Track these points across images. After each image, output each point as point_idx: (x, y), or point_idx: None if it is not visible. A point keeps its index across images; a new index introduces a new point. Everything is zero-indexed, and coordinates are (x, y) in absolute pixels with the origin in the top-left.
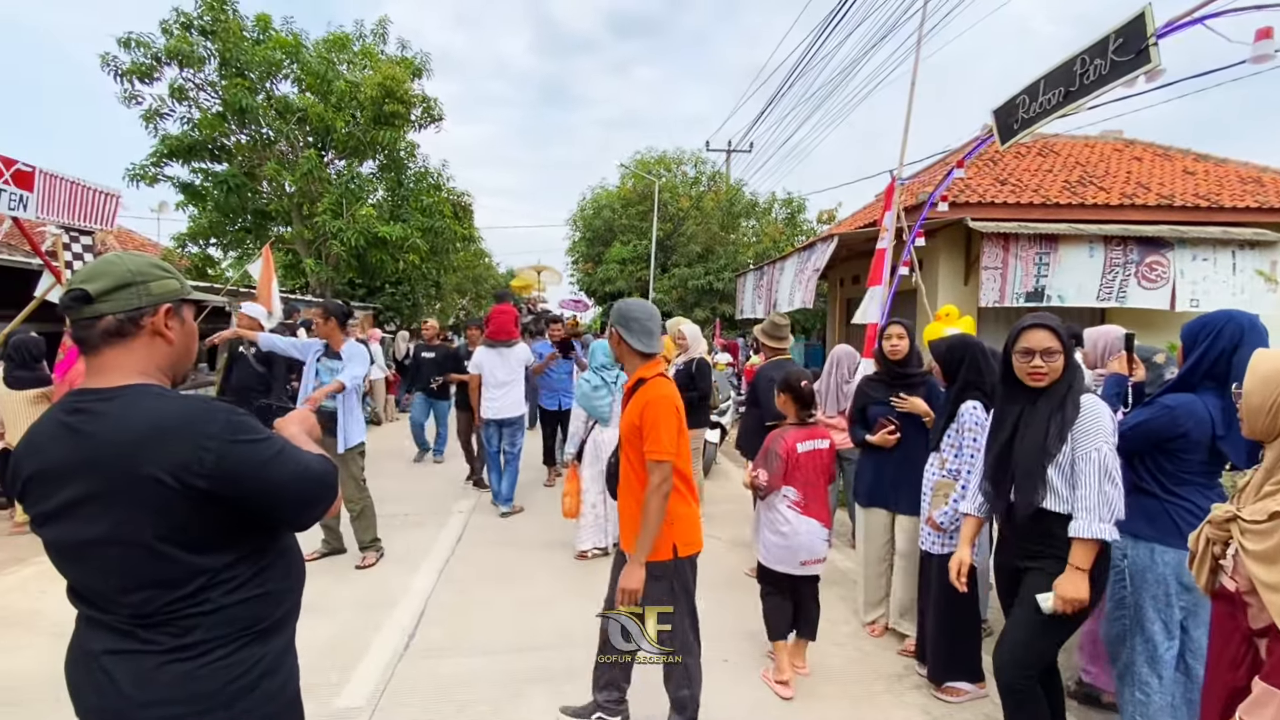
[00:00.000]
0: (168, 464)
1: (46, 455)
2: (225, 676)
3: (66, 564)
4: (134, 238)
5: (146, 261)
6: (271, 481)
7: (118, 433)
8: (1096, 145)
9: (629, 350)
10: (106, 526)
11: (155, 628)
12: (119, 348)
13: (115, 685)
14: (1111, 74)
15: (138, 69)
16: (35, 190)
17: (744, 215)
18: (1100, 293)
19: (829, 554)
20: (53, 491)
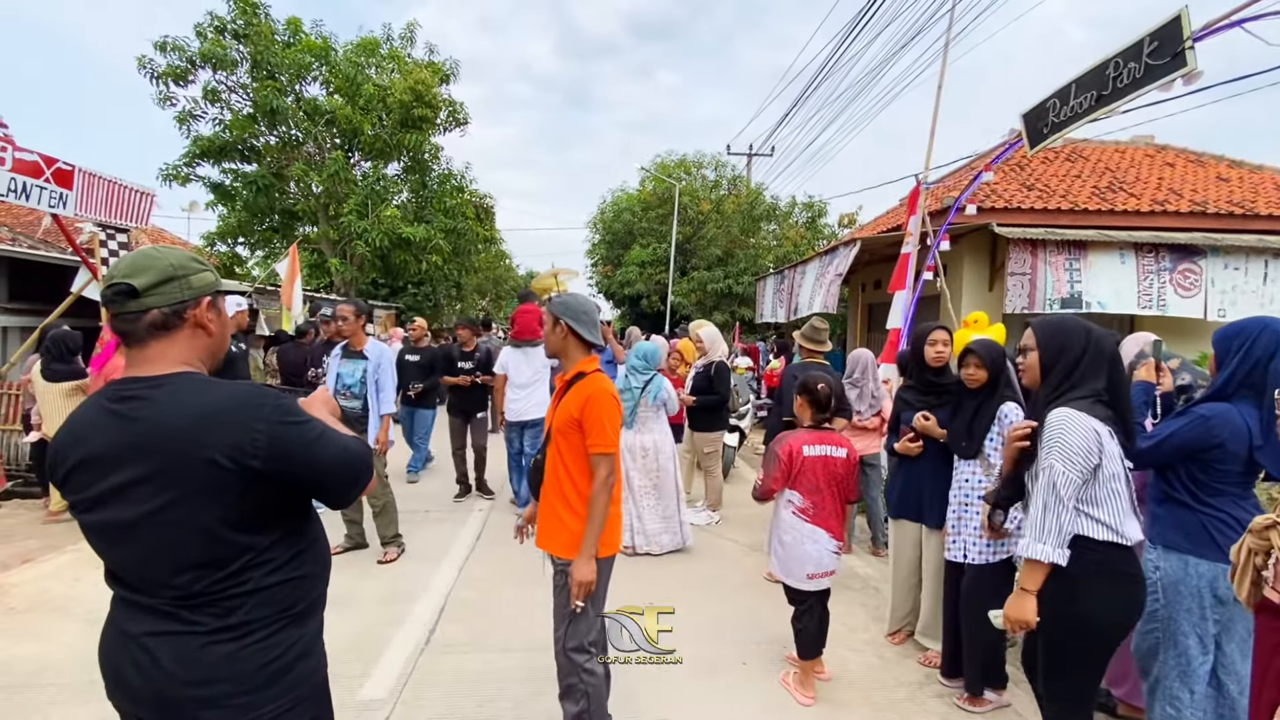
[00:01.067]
0: (223, 446)
1: (92, 442)
2: (265, 657)
3: (111, 548)
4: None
5: (185, 255)
6: (317, 461)
7: (172, 417)
8: (1127, 151)
9: (577, 343)
10: (159, 508)
11: (199, 609)
12: (164, 340)
13: (159, 666)
14: (1146, 78)
15: (173, 71)
16: (74, 188)
17: (764, 219)
18: (1140, 299)
19: (846, 560)
20: (100, 477)
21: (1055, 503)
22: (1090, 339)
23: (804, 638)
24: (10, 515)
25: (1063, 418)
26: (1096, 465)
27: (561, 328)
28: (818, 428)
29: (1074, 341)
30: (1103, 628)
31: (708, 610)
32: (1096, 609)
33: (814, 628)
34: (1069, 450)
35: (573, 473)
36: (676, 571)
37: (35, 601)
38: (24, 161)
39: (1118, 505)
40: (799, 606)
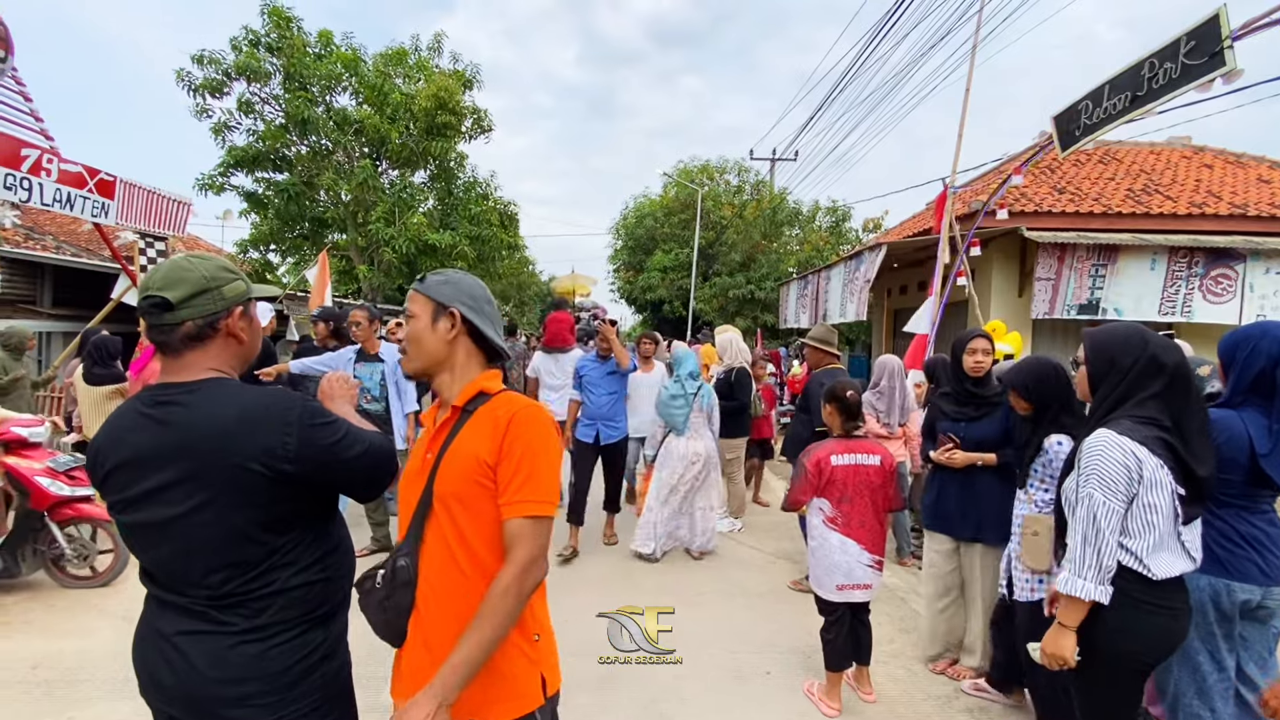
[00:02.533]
0: (255, 449)
1: (131, 445)
2: (292, 658)
3: (146, 547)
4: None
5: (217, 265)
6: (343, 460)
7: (205, 422)
8: (1162, 152)
9: (472, 349)
10: (192, 509)
11: (229, 609)
12: (198, 349)
13: (190, 664)
14: (1183, 78)
15: (209, 84)
16: (116, 198)
17: (788, 224)
18: (1162, 306)
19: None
20: (137, 478)
21: (1095, 535)
22: (1146, 350)
23: (831, 649)
24: None
25: (1098, 441)
26: (1134, 494)
27: (450, 320)
28: (848, 436)
29: (1126, 353)
30: (1117, 655)
31: (731, 618)
32: (1111, 636)
33: (842, 640)
34: (1106, 478)
35: (483, 559)
36: (699, 578)
37: (73, 598)
38: (69, 173)
39: (1150, 538)
40: (828, 617)
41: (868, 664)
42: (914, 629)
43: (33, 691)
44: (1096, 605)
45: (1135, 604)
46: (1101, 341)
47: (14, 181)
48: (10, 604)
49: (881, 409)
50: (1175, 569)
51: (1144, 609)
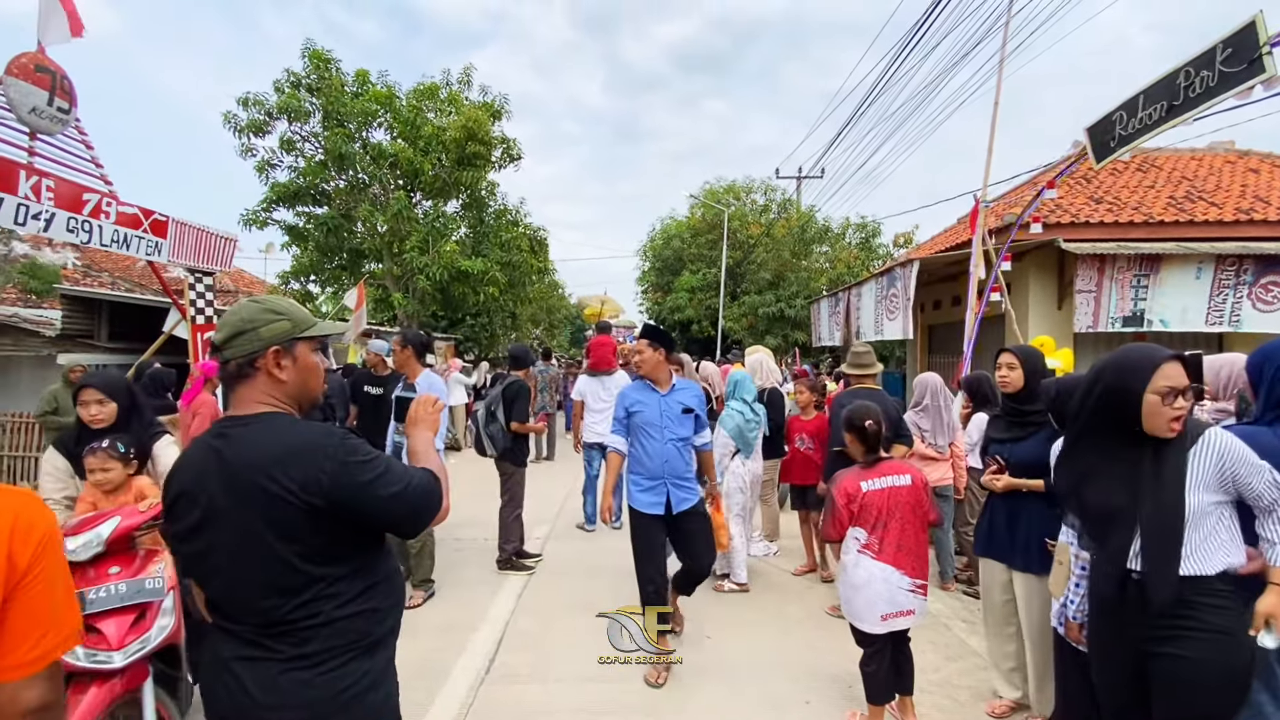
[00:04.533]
0: (291, 483)
1: (191, 475)
2: (337, 686)
3: (204, 575)
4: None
5: (258, 308)
6: (377, 497)
7: (251, 454)
8: (1205, 158)
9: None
10: (240, 537)
11: (278, 637)
12: (244, 385)
13: (244, 689)
14: (1220, 86)
15: (254, 124)
16: (168, 237)
17: (816, 241)
18: (1209, 316)
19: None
20: (194, 507)
21: None
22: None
23: (873, 681)
24: None
25: (1217, 433)
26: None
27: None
28: (872, 464)
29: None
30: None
31: (768, 644)
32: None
33: (884, 672)
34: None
35: None
36: (734, 604)
37: None
38: (125, 214)
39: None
40: (868, 648)
41: (911, 693)
42: (959, 656)
43: None
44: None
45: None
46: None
47: (76, 224)
48: None
49: (926, 428)
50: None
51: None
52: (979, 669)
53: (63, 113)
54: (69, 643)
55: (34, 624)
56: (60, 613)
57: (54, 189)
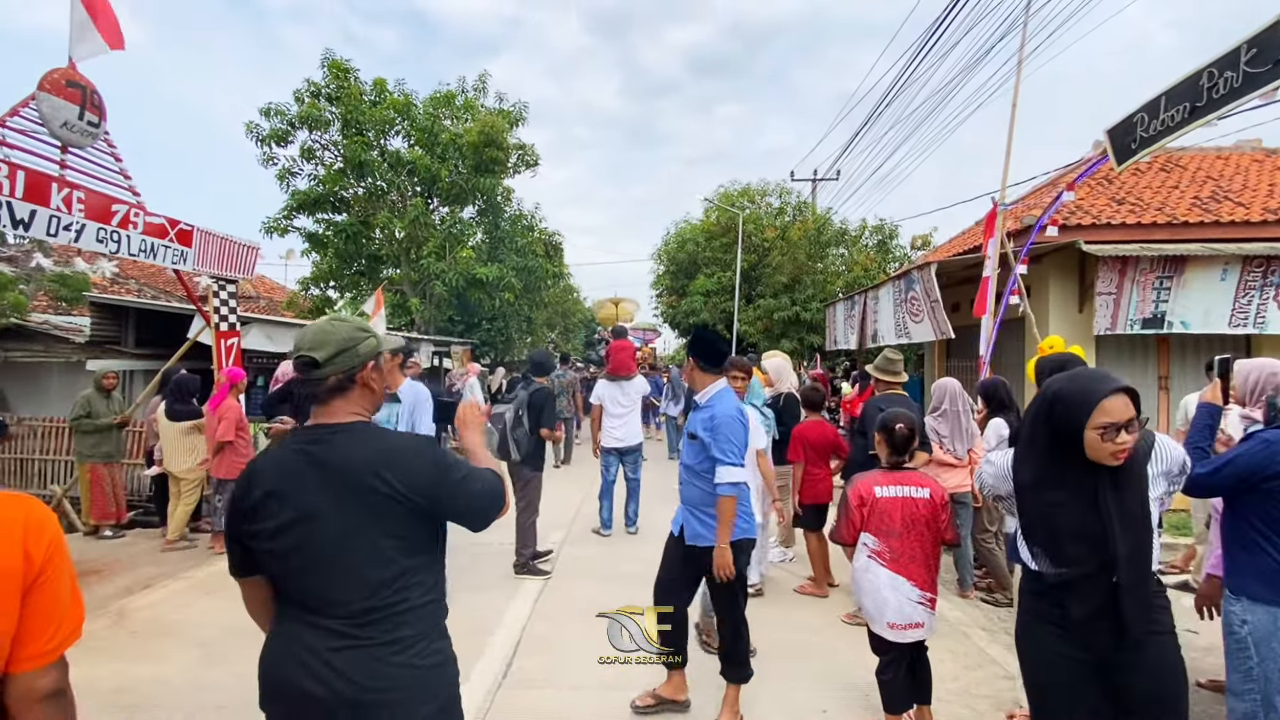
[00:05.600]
0: (396, 482)
1: (284, 479)
2: (428, 664)
3: (296, 572)
4: (266, 282)
5: (353, 328)
6: (464, 497)
7: (358, 456)
8: (1231, 157)
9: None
10: (343, 533)
11: (372, 625)
12: (340, 398)
13: (343, 675)
14: (1244, 86)
15: (275, 134)
16: (193, 246)
17: (832, 244)
18: (1233, 318)
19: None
20: (291, 507)
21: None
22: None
23: (888, 690)
24: (132, 544)
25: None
26: None
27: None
28: (894, 468)
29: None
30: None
31: (784, 651)
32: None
33: (900, 680)
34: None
35: None
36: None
37: (153, 625)
38: (152, 224)
39: None
40: (884, 656)
41: (929, 703)
42: (978, 665)
43: (116, 716)
44: None
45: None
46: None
47: (105, 234)
48: (96, 629)
49: (945, 433)
50: None
51: None
52: (998, 678)
53: (93, 126)
54: (75, 634)
55: (49, 618)
56: (69, 607)
57: (84, 200)
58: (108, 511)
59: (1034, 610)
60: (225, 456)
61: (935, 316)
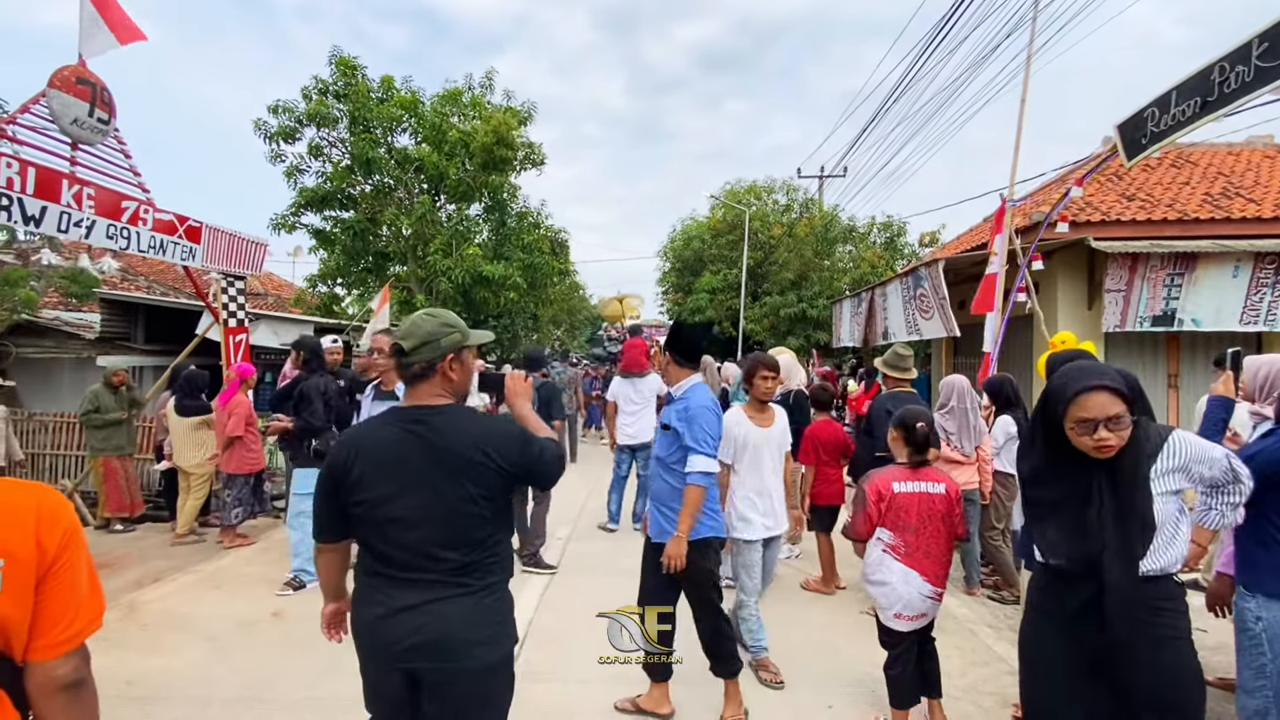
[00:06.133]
0: (494, 455)
1: (390, 453)
2: (505, 605)
3: (398, 534)
4: (274, 279)
5: (438, 323)
6: (541, 464)
7: (459, 434)
8: (1242, 153)
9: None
10: (449, 498)
11: (469, 574)
12: (424, 382)
13: (446, 620)
14: (1257, 81)
15: (283, 131)
16: (202, 242)
17: (839, 241)
18: (1244, 315)
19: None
20: (391, 480)
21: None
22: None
23: (895, 685)
24: (143, 538)
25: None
26: None
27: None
28: (914, 466)
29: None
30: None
31: (790, 648)
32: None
33: (908, 675)
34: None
35: None
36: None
37: (163, 618)
38: (162, 221)
39: None
40: (891, 650)
41: (939, 697)
42: (985, 662)
43: (128, 707)
44: None
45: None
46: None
47: (115, 231)
48: (108, 621)
49: (952, 430)
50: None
51: None
52: (1004, 674)
53: (103, 123)
54: (95, 624)
55: (66, 607)
56: (87, 597)
57: (94, 197)
58: (123, 504)
59: (1037, 604)
60: (235, 451)
61: (944, 314)
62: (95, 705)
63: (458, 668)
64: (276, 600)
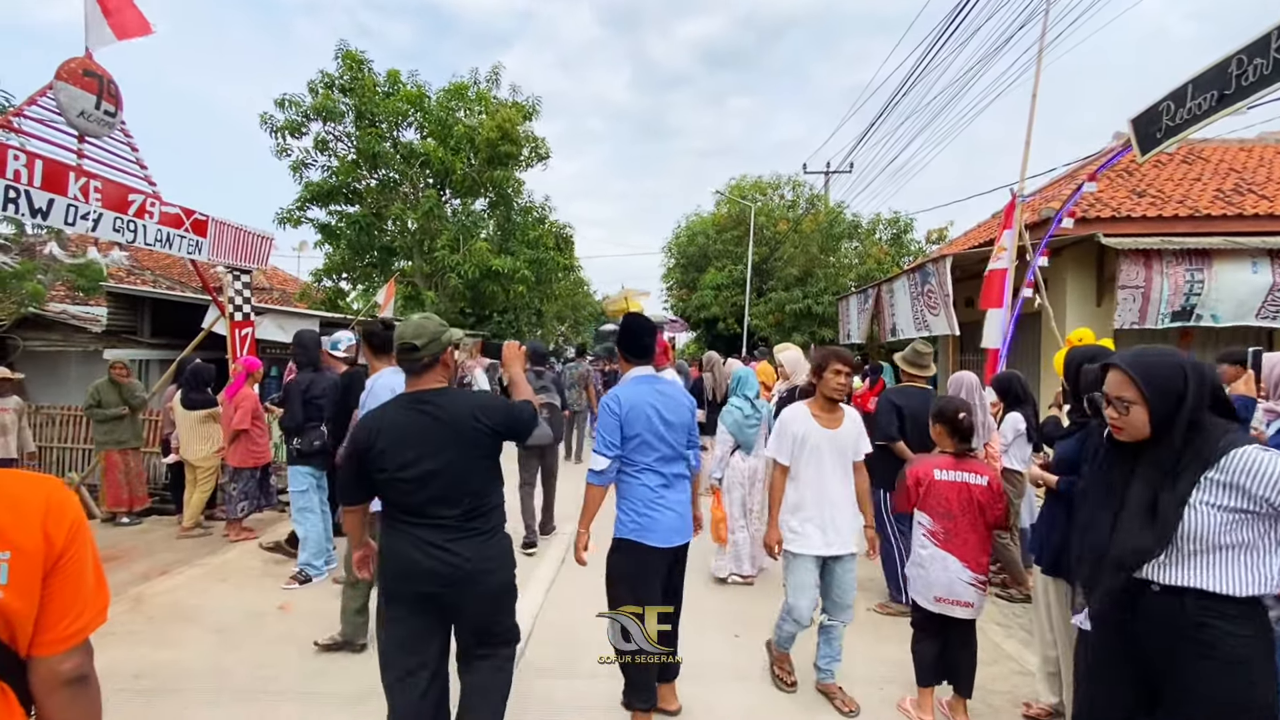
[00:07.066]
0: (490, 421)
1: (410, 428)
2: (505, 544)
3: (422, 489)
4: (280, 273)
5: (437, 324)
6: (518, 422)
7: (461, 409)
8: (1254, 149)
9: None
10: (458, 458)
11: (474, 519)
12: (430, 372)
13: (460, 556)
14: (1275, 73)
15: (289, 125)
16: (208, 236)
17: (845, 237)
18: (1262, 310)
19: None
20: (417, 446)
21: None
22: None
23: (918, 662)
24: (150, 530)
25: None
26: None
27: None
28: (957, 455)
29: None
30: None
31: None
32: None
33: (931, 655)
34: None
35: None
36: (761, 606)
37: (170, 611)
38: (168, 214)
39: None
40: (918, 629)
41: (968, 696)
42: (994, 660)
43: (135, 700)
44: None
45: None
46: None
47: (121, 224)
48: (115, 614)
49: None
50: None
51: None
52: (1015, 674)
53: (109, 116)
54: (100, 618)
55: (71, 602)
56: (92, 591)
57: (101, 190)
58: (120, 499)
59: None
60: (240, 445)
61: (946, 311)
62: (98, 700)
63: (470, 592)
64: (283, 593)
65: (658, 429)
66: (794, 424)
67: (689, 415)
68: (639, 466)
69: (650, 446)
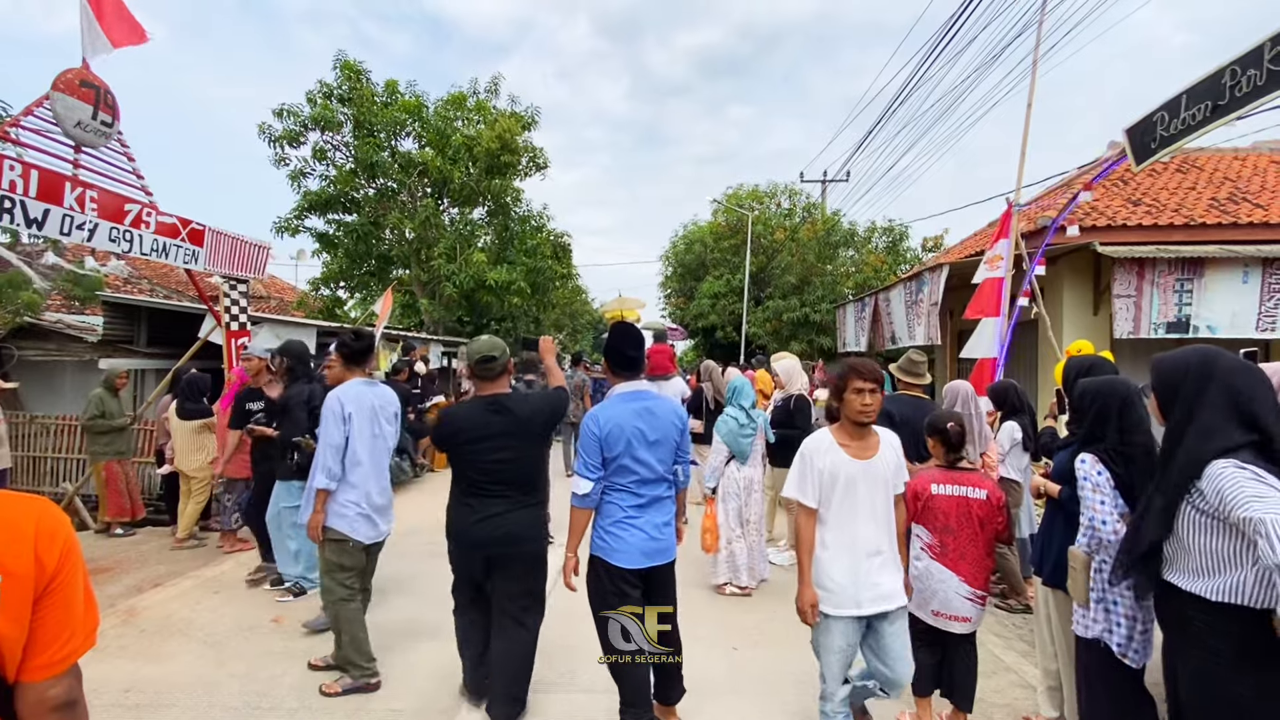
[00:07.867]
0: (545, 419)
1: (487, 425)
2: (546, 517)
3: (494, 470)
4: (277, 282)
5: (500, 341)
6: (559, 415)
7: (527, 410)
8: (1249, 158)
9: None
10: (523, 450)
11: (530, 493)
12: (500, 378)
13: (513, 522)
14: (1269, 84)
15: (288, 135)
16: (205, 245)
17: (842, 245)
18: (1260, 322)
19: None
20: (495, 437)
21: None
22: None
23: (915, 670)
24: (144, 541)
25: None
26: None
27: None
28: (951, 467)
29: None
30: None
31: (794, 656)
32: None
33: (926, 665)
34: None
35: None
36: (759, 616)
37: (162, 624)
38: (164, 224)
39: None
40: (916, 641)
41: (968, 711)
42: (993, 673)
43: (125, 716)
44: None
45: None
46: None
47: (117, 234)
48: (106, 627)
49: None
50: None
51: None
52: (1014, 686)
53: (106, 126)
54: (89, 642)
55: (61, 626)
56: (82, 614)
57: (97, 200)
58: (123, 508)
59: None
60: (236, 455)
61: (929, 320)
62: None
63: (517, 551)
64: (276, 606)
65: (636, 452)
66: (818, 457)
67: (678, 432)
68: (614, 487)
69: (628, 470)
